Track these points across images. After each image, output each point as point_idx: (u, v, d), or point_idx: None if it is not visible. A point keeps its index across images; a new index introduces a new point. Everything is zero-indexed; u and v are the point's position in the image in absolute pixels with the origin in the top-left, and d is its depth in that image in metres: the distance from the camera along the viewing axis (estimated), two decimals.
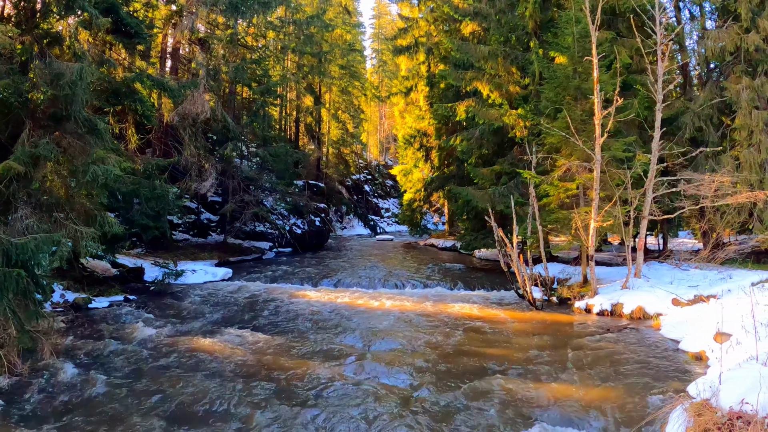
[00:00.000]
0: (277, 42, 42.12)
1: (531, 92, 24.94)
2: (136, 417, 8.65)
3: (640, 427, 8.18)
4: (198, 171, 27.13)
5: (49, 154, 12.47)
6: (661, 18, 18.67)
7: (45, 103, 13.51)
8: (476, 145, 28.37)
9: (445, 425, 8.56)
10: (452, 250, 36.94)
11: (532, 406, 9.25)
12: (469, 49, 26.82)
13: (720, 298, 14.79)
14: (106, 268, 19.95)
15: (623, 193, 18.35)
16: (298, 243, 34.34)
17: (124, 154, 18.61)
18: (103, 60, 17.90)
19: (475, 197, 25.78)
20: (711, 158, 20.93)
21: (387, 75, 74.19)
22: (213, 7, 26.73)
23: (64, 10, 14.53)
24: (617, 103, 17.32)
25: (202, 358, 11.90)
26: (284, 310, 17.24)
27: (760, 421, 6.66)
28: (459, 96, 30.90)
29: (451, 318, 16.43)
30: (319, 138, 49.27)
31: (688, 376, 10.52)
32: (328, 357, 12.20)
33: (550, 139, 19.67)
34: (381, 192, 66.90)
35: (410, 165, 43.69)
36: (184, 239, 30.07)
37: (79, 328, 14.19)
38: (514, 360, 12.02)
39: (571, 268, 22.11)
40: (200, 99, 25.03)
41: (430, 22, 40.10)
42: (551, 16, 25.08)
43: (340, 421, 8.63)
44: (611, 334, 14.32)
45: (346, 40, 54.60)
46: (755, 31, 20.33)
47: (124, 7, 19.72)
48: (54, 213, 13.08)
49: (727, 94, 20.86)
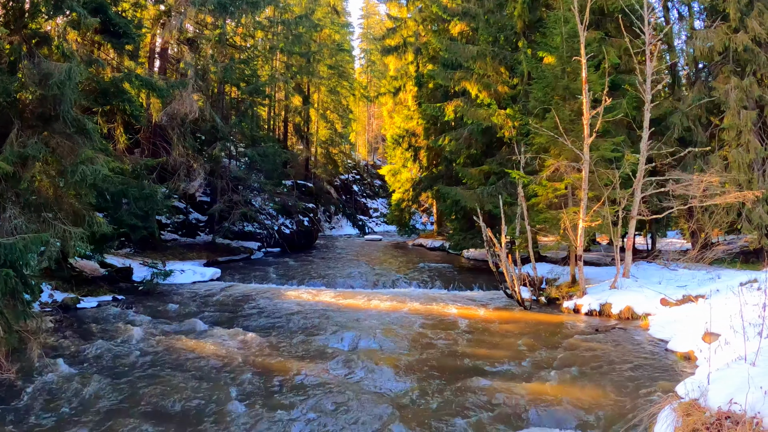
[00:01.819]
0: (266, 42, 42.02)
1: (520, 92, 25.01)
2: (123, 416, 8.64)
3: (628, 427, 8.19)
4: (186, 171, 27.05)
5: (37, 154, 12.45)
6: (650, 18, 18.76)
7: (33, 103, 13.50)
8: (465, 145, 28.44)
9: (433, 426, 8.56)
10: (441, 250, 36.92)
11: (520, 407, 9.25)
12: (458, 49, 26.88)
13: (708, 298, 14.84)
14: (95, 268, 19.88)
15: (612, 193, 18.42)
16: (286, 243, 34.21)
17: (113, 154, 18.54)
18: (91, 60, 17.87)
19: (463, 197, 25.84)
20: (699, 158, 21.03)
21: (375, 75, 74.12)
22: (201, 7, 26.61)
23: (52, 10, 14.51)
24: (606, 103, 17.41)
25: (190, 357, 11.88)
26: (272, 309, 17.23)
27: (749, 421, 6.68)
28: (447, 96, 30.94)
29: (440, 318, 16.46)
30: (308, 138, 49.15)
31: (676, 376, 10.53)
32: (315, 357, 12.20)
33: (539, 139, 19.73)
34: (369, 192, 66.80)
35: (399, 165, 43.68)
36: (173, 239, 29.97)
37: (67, 328, 14.11)
38: (503, 360, 12.05)
39: (559, 268, 22.16)
40: (189, 99, 24.93)
41: (418, 22, 40.08)
42: (540, 16, 25.14)
43: (327, 421, 8.64)
44: (600, 334, 14.40)
45: (334, 40, 54.49)
46: (744, 31, 20.44)
47: (113, 7, 19.65)
48: (42, 213, 13.06)
49: (715, 94, 20.96)
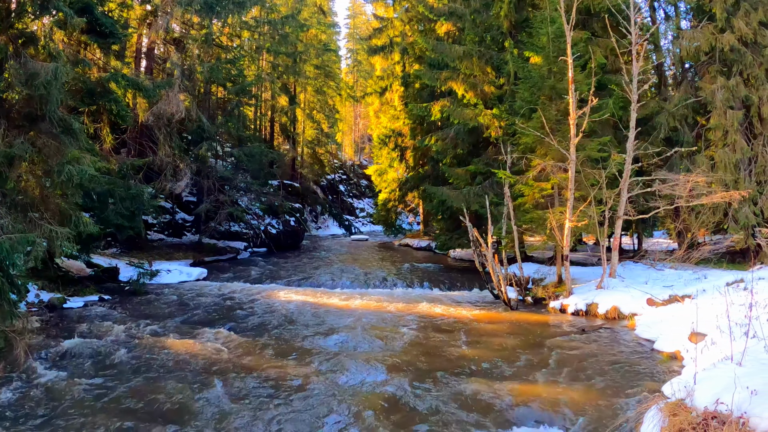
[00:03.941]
0: (252, 42, 42.06)
1: (506, 92, 25.05)
2: (109, 416, 8.62)
3: (614, 428, 8.20)
4: (173, 171, 26.99)
5: (24, 154, 12.41)
6: (636, 18, 18.80)
7: (20, 103, 13.45)
8: (451, 145, 28.52)
9: (418, 426, 8.57)
10: (427, 250, 37.01)
11: (506, 407, 9.27)
12: (444, 49, 26.91)
13: (695, 298, 14.94)
14: (81, 268, 19.79)
15: (598, 192, 18.47)
16: (272, 243, 34.13)
17: (99, 154, 18.48)
18: (78, 60, 17.84)
19: (450, 197, 25.89)
20: (686, 158, 21.17)
21: (362, 75, 74.12)
22: (188, 7, 26.55)
23: (39, 10, 14.45)
24: (592, 103, 17.47)
25: (175, 357, 11.85)
26: (258, 310, 17.19)
27: (735, 421, 6.73)
28: (434, 96, 31.05)
29: (426, 318, 16.47)
30: (294, 138, 49.17)
31: (662, 376, 10.57)
32: (300, 357, 12.19)
33: (525, 139, 19.75)
34: (356, 192, 66.84)
35: (385, 165, 43.68)
36: (159, 239, 29.89)
37: (54, 327, 14.06)
38: (489, 360, 12.05)
39: (546, 268, 22.20)
40: (175, 99, 24.90)
41: (405, 22, 40.07)
42: (526, 16, 25.17)
43: (310, 420, 8.64)
44: (586, 335, 14.42)
45: (321, 40, 54.52)
46: (730, 31, 20.61)
47: (99, 7, 19.54)
48: (29, 213, 13.02)
49: (702, 94, 21.13)
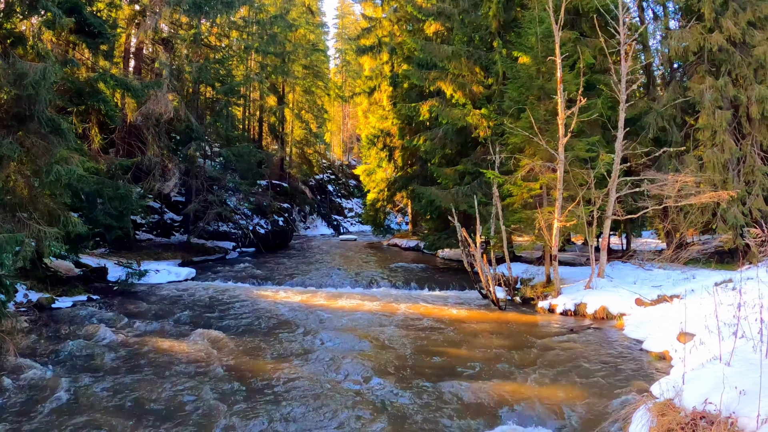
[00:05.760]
0: (241, 42, 41.89)
1: (494, 92, 25.12)
2: (97, 415, 8.62)
3: (603, 428, 8.24)
4: (161, 171, 26.94)
5: (12, 154, 12.37)
6: (625, 18, 18.87)
7: (8, 103, 13.39)
8: (440, 144, 28.54)
9: (406, 426, 8.59)
10: (416, 250, 37.01)
11: (494, 407, 9.30)
12: (433, 48, 26.94)
13: (683, 298, 15.03)
14: (70, 268, 19.72)
15: (587, 192, 18.53)
16: (261, 243, 34.09)
17: (88, 154, 18.48)
18: (66, 60, 17.79)
19: (438, 197, 25.91)
20: (674, 158, 21.23)
21: (350, 75, 73.89)
22: (176, 7, 26.49)
23: (27, 10, 14.42)
24: (581, 103, 17.54)
25: (164, 357, 11.85)
26: (246, 310, 17.18)
27: (724, 421, 6.76)
28: (422, 96, 31.02)
29: (414, 318, 16.48)
30: (283, 138, 49.07)
31: (651, 376, 10.64)
32: (288, 356, 12.21)
33: (514, 139, 19.81)
34: (344, 192, 66.72)
35: (373, 165, 43.61)
36: (148, 239, 29.78)
37: (42, 327, 14.01)
38: (477, 360, 12.07)
39: (534, 268, 22.26)
40: (163, 99, 24.85)
41: (393, 21, 40.01)
42: (515, 16, 25.26)
43: (299, 420, 8.65)
44: (574, 334, 14.48)
45: (309, 40, 54.41)
46: (718, 31, 20.70)
47: (88, 7, 19.49)
48: (17, 213, 13.00)
49: (690, 94, 21.21)
